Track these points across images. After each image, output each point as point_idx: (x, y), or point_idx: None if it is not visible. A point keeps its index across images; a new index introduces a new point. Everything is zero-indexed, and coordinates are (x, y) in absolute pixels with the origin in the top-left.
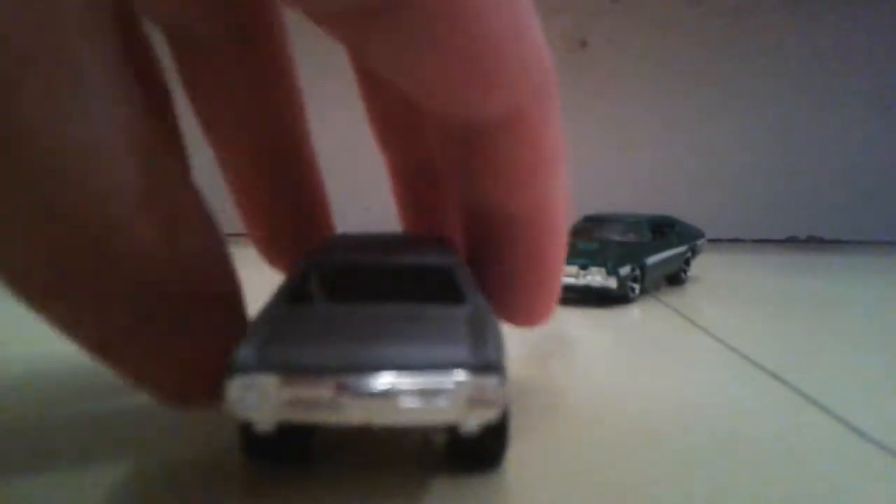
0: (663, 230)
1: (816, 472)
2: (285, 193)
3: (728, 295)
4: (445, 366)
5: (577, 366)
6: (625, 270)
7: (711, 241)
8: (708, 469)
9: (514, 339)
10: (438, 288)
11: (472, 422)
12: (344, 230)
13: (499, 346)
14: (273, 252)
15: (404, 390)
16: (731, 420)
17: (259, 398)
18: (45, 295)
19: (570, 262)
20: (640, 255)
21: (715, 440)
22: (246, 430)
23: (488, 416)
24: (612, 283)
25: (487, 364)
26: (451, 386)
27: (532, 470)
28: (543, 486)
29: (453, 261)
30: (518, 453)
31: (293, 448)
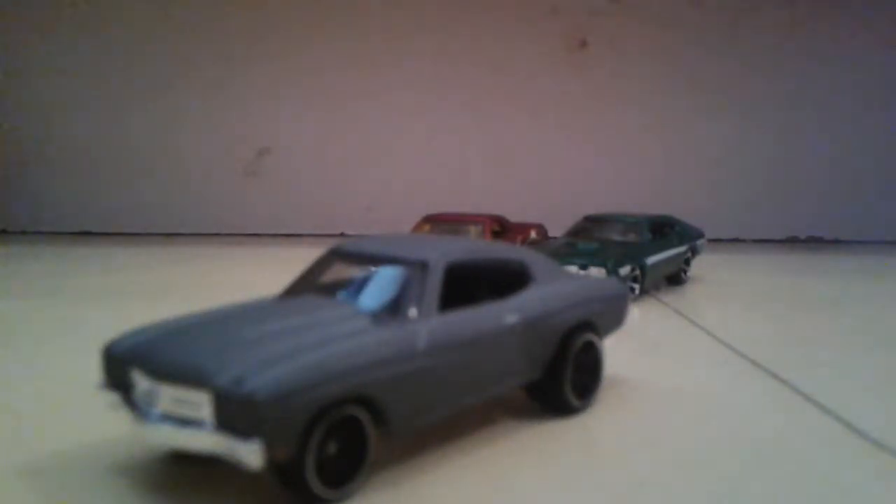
0: (663, 230)
1: (816, 471)
2: None
3: (728, 295)
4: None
5: None
6: (625, 270)
7: (711, 241)
8: (708, 466)
9: None
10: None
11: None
12: (346, 230)
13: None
14: None
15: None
16: (731, 418)
17: None
18: None
19: (570, 261)
20: (640, 255)
21: (715, 438)
22: None
23: None
24: None
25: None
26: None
27: (534, 460)
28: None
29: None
30: (515, 445)
31: None
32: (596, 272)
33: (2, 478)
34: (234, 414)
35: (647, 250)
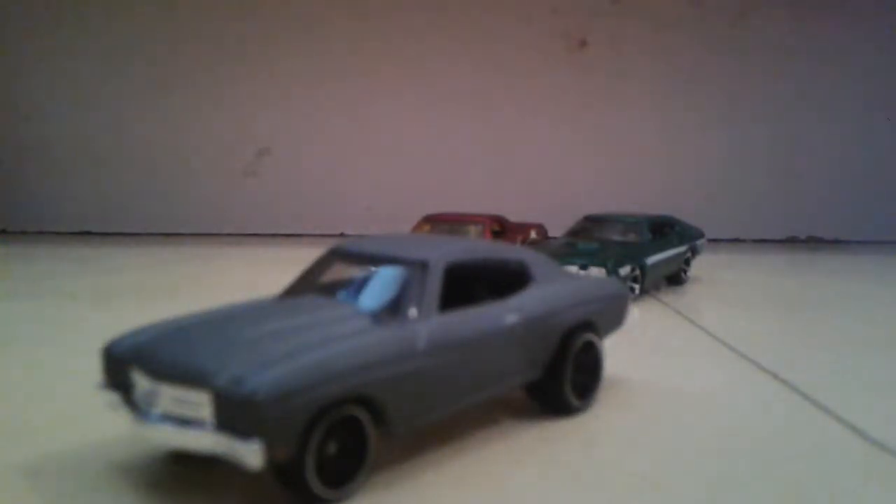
0: (663, 230)
1: (816, 472)
2: None
3: (728, 295)
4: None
5: None
6: (625, 270)
7: (711, 241)
8: (708, 465)
9: None
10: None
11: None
12: (346, 230)
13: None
14: None
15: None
16: (731, 418)
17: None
18: None
19: (570, 261)
20: (640, 255)
21: (715, 438)
22: None
23: None
24: None
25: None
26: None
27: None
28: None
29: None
30: (517, 444)
31: None
32: (596, 272)
33: (2, 478)
34: (234, 414)
35: (647, 250)
